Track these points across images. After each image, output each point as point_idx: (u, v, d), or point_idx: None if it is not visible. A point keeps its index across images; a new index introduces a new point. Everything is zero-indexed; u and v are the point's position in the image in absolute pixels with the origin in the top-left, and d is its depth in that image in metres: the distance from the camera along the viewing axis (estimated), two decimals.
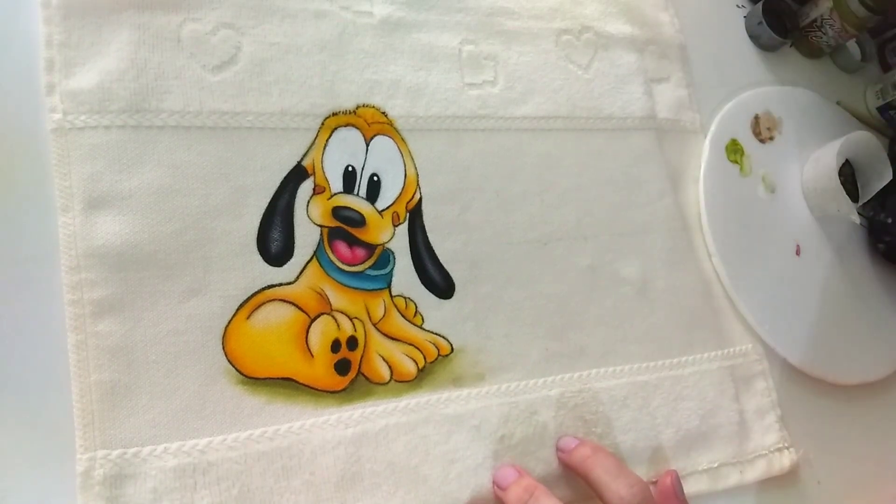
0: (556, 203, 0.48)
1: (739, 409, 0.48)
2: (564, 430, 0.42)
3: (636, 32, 0.56)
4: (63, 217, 0.36)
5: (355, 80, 0.45)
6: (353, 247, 0.42)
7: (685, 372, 0.47)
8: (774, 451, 0.48)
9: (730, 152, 0.56)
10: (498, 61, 0.50)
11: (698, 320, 0.50)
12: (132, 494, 0.33)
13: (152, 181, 0.38)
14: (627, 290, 0.48)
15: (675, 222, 0.52)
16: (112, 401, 0.34)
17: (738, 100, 0.59)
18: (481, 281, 0.44)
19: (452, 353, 0.42)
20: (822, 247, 0.58)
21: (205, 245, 0.38)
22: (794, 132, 0.60)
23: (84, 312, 0.35)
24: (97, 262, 0.36)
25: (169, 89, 0.40)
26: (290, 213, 0.41)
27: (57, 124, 0.37)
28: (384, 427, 0.39)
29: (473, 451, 0.40)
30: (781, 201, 0.58)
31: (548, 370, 0.44)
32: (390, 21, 0.47)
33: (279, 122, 0.42)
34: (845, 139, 0.56)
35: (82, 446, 0.33)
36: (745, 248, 0.54)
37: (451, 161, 0.46)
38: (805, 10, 0.63)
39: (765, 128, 0.59)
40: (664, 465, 0.44)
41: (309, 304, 0.40)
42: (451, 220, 0.45)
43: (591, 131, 0.51)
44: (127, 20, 0.40)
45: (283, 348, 0.38)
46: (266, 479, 0.36)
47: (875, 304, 0.58)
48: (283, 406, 0.37)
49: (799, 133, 0.61)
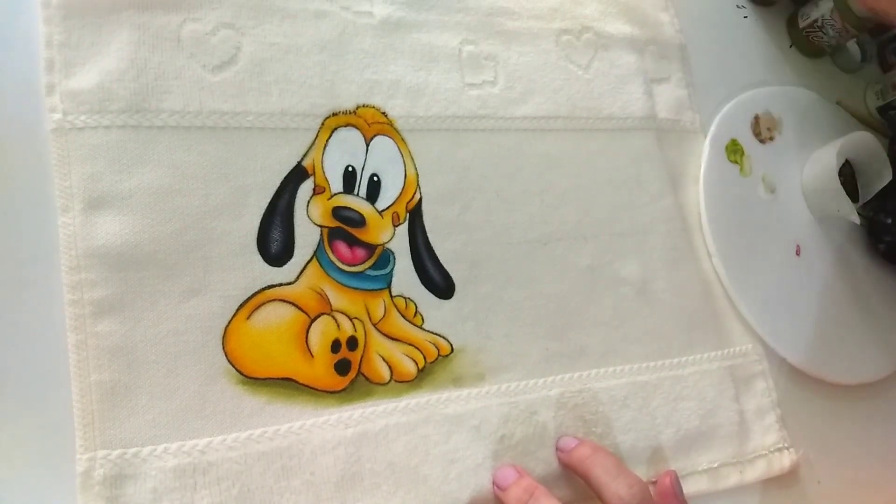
0: (556, 203, 0.48)
1: (739, 409, 0.48)
2: (564, 430, 0.42)
3: (636, 32, 0.56)
4: (63, 217, 0.36)
5: (355, 80, 0.45)
6: (354, 247, 0.42)
7: (685, 372, 0.47)
8: (774, 451, 0.48)
9: (730, 152, 0.56)
10: (498, 61, 0.50)
11: (698, 320, 0.50)
12: (132, 494, 0.33)
13: (152, 181, 0.38)
14: (627, 290, 0.48)
15: (675, 222, 0.52)
16: (112, 401, 0.34)
17: (738, 100, 0.59)
18: (481, 281, 0.44)
19: (452, 353, 0.42)
20: (822, 247, 0.58)
21: (205, 245, 0.38)
22: (794, 132, 0.60)
23: (84, 312, 0.35)
24: (97, 262, 0.36)
25: (169, 89, 0.40)
26: (290, 213, 0.41)
27: (57, 124, 0.37)
28: (384, 427, 0.39)
29: (473, 451, 0.40)
30: (781, 201, 0.58)
31: (548, 370, 0.44)
32: (390, 21, 0.47)
33: (279, 122, 0.42)
34: (845, 139, 0.56)
35: (82, 446, 0.33)
36: (745, 248, 0.54)
37: (451, 161, 0.46)
38: (806, 11, 0.63)
39: (765, 128, 0.59)
40: (664, 465, 0.44)
41: (309, 304, 0.40)
42: (451, 220, 0.45)
43: (591, 131, 0.51)
44: (127, 20, 0.40)
45: (283, 348, 0.38)
46: (266, 479, 0.36)
47: (875, 304, 0.58)
48: (283, 406, 0.37)
49: (799, 133, 0.61)
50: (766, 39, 0.64)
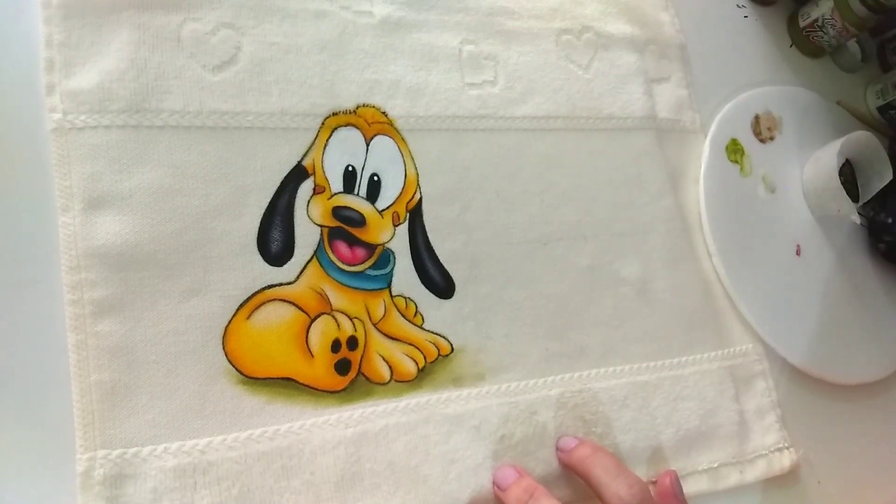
0: (556, 203, 0.48)
1: (739, 409, 0.48)
2: (564, 430, 0.42)
3: (636, 32, 0.56)
4: (63, 217, 0.36)
5: (355, 80, 0.45)
6: (354, 247, 0.42)
7: (685, 372, 0.47)
8: (774, 451, 0.48)
9: (730, 152, 0.56)
10: (498, 61, 0.50)
11: (698, 320, 0.50)
12: (132, 494, 0.33)
13: (152, 181, 0.38)
14: (627, 290, 0.48)
15: (675, 222, 0.52)
16: (112, 401, 0.34)
17: (738, 100, 0.59)
18: (481, 281, 0.44)
19: (452, 353, 0.42)
20: (822, 247, 0.58)
21: (205, 245, 0.38)
22: (795, 132, 0.60)
23: (84, 312, 0.35)
24: (97, 262, 0.36)
25: (169, 89, 0.40)
26: (290, 212, 0.41)
27: (57, 124, 0.37)
28: (384, 427, 0.39)
29: (473, 451, 0.40)
30: (781, 201, 0.58)
31: (548, 370, 0.44)
32: (390, 21, 0.47)
33: (279, 122, 0.42)
34: (845, 139, 0.56)
35: (82, 446, 0.33)
36: (745, 247, 0.54)
37: (451, 161, 0.46)
38: (806, 10, 0.63)
39: (765, 128, 0.59)
40: (664, 465, 0.44)
41: (309, 303, 0.40)
42: (451, 220, 0.45)
43: (591, 131, 0.51)
44: (127, 20, 0.40)
45: (283, 348, 0.38)
46: (266, 479, 0.36)
47: (875, 304, 0.58)
48: (283, 406, 0.37)
49: (799, 133, 0.61)
50: (767, 39, 0.64)
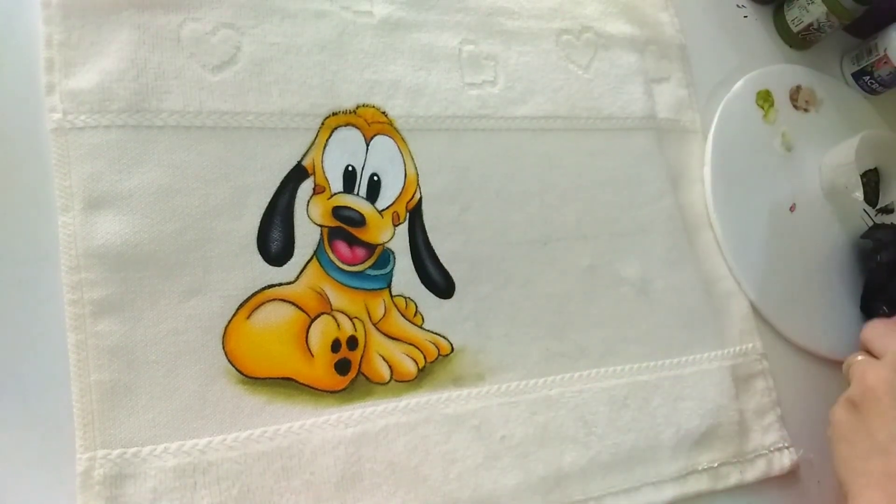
0: (556, 203, 0.48)
1: (739, 408, 0.48)
2: (564, 430, 0.42)
3: (636, 32, 0.56)
4: (63, 217, 0.36)
5: (355, 79, 0.45)
6: (354, 246, 0.42)
7: (685, 372, 0.47)
8: (774, 451, 0.48)
9: (760, 98, 0.57)
10: (498, 61, 0.50)
11: (698, 320, 0.50)
12: (132, 494, 0.33)
13: (152, 181, 0.38)
14: (627, 290, 0.48)
15: (675, 222, 0.52)
16: (112, 401, 0.34)
17: (786, 67, 0.61)
18: (481, 281, 0.44)
19: (452, 353, 0.42)
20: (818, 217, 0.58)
21: (205, 245, 0.38)
22: (829, 119, 0.61)
23: (84, 312, 0.35)
24: (97, 262, 0.36)
25: (169, 89, 0.40)
26: (290, 212, 0.41)
27: (57, 124, 0.37)
28: (384, 427, 0.39)
29: (473, 451, 0.40)
30: (793, 162, 0.58)
31: (548, 370, 0.44)
32: (390, 21, 0.47)
33: (279, 121, 0.42)
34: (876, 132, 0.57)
35: (82, 446, 0.33)
36: (740, 181, 0.55)
37: (451, 161, 0.46)
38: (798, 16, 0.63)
39: (804, 99, 0.59)
40: (664, 464, 0.44)
41: (309, 303, 0.40)
42: (451, 220, 0.45)
43: (591, 131, 0.51)
44: (127, 20, 0.40)
45: (283, 348, 0.38)
46: (266, 479, 0.36)
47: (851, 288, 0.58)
48: (283, 406, 0.37)
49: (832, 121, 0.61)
50: (767, 39, 0.64)
